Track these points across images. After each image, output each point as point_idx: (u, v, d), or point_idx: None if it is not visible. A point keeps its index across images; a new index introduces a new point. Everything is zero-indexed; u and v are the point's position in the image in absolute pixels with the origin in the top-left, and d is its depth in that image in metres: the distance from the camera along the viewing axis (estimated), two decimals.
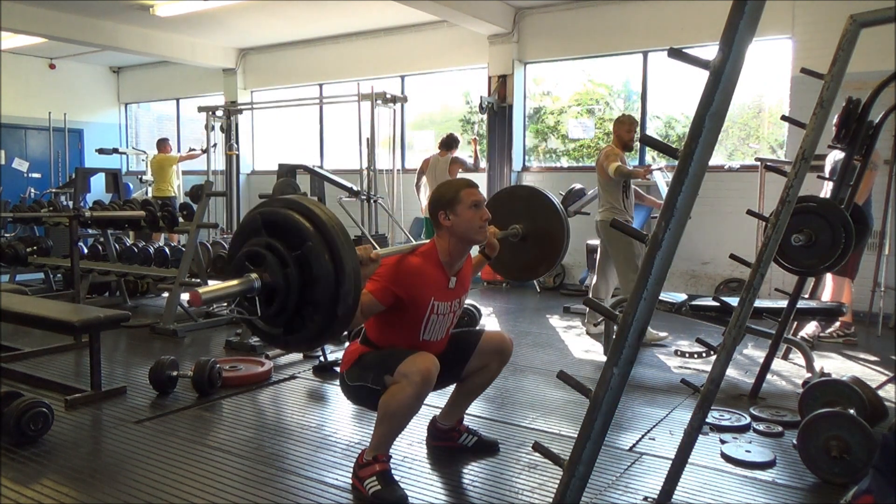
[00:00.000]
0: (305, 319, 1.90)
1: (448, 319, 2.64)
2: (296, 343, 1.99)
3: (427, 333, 2.58)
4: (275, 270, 1.85)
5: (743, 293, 2.34)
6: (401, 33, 8.81)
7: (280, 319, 1.92)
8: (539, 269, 3.31)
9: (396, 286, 2.44)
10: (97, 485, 2.58)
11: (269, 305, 1.90)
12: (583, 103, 8.17)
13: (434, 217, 2.58)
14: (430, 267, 2.55)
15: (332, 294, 1.84)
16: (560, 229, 3.17)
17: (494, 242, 2.84)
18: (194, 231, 5.42)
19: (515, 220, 3.18)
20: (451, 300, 2.61)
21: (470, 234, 2.56)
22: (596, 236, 6.56)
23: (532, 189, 3.38)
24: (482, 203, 2.58)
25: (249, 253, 1.92)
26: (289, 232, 1.88)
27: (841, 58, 2.51)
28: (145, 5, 7.84)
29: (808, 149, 2.51)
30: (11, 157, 10.67)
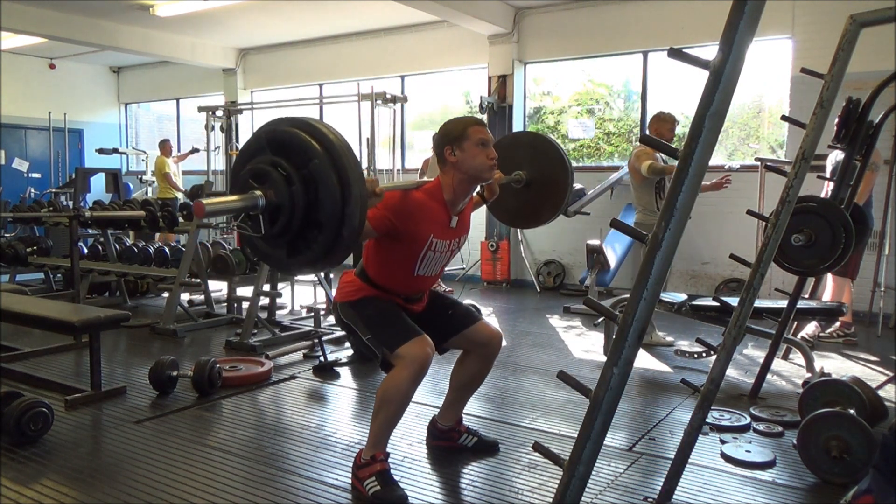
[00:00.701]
0: (309, 241, 1.85)
1: (445, 257, 2.62)
2: (298, 265, 1.95)
3: (422, 269, 2.55)
4: (280, 188, 1.80)
5: (743, 293, 2.34)
6: (401, 33, 8.81)
7: (283, 240, 1.87)
8: (542, 215, 3.24)
9: (396, 218, 2.41)
10: (97, 485, 2.58)
11: (272, 224, 1.84)
12: (583, 103, 8.17)
13: (440, 154, 2.55)
14: (433, 203, 2.52)
15: (338, 215, 1.79)
16: (564, 175, 3.11)
17: (495, 187, 2.82)
18: (194, 231, 5.42)
19: (519, 167, 3.13)
20: (450, 239, 2.59)
21: (477, 172, 2.51)
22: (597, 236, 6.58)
23: (535, 135, 3.31)
24: (490, 142, 2.53)
25: (254, 170, 1.86)
26: (295, 150, 1.83)
27: (841, 58, 2.51)
28: (145, 5, 7.84)
29: (808, 149, 2.51)
30: (11, 157, 10.68)
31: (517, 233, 8.02)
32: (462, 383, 2.83)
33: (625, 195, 7.32)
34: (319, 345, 4.33)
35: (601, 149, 8.07)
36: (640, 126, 7.56)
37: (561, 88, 8.29)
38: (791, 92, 6.36)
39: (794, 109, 6.11)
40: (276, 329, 5.08)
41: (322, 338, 4.43)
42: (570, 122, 8.22)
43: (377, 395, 2.47)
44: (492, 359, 2.79)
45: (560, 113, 8.31)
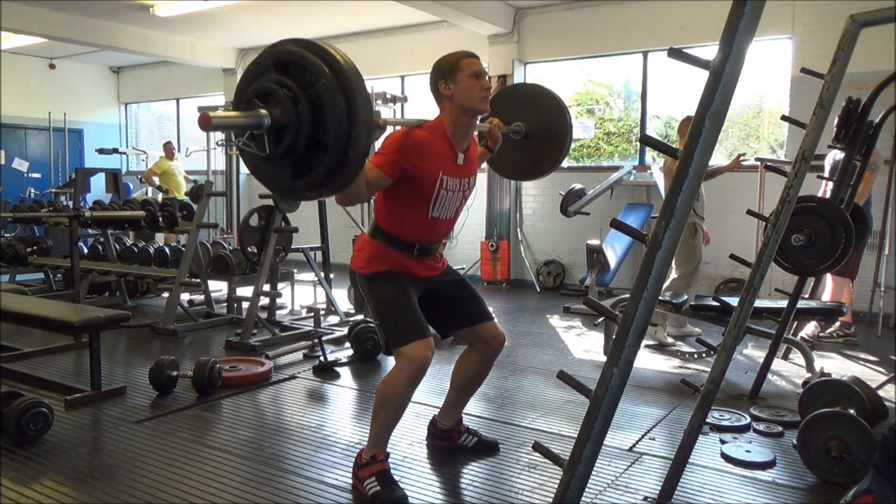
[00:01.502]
0: (314, 163, 1.83)
1: (457, 198, 2.58)
2: (303, 188, 1.92)
3: (436, 210, 2.52)
4: (286, 107, 1.78)
5: (743, 293, 2.34)
6: (401, 33, 8.81)
7: (287, 161, 1.85)
8: (542, 165, 3.22)
9: (403, 158, 2.38)
10: (97, 485, 2.58)
11: (277, 144, 1.82)
12: (583, 103, 8.17)
13: (435, 89, 2.53)
14: (437, 139, 2.50)
15: (343, 136, 1.77)
16: (563, 124, 3.09)
17: (497, 135, 2.81)
18: (194, 231, 5.42)
19: (518, 119, 3.12)
20: (460, 177, 2.56)
21: (472, 104, 2.49)
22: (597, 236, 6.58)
23: (534, 86, 3.29)
24: (483, 73, 2.52)
25: (259, 89, 1.83)
26: (301, 70, 1.80)
27: (841, 58, 2.51)
28: (145, 5, 7.84)
29: (808, 149, 2.51)
30: (11, 157, 10.68)
31: (517, 232, 8.03)
32: (463, 383, 2.83)
33: (625, 195, 7.33)
34: (319, 345, 4.33)
35: (601, 149, 8.07)
36: (640, 126, 7.57)
37: (561, 88, 8.28)
38: (791, 92, 6.36)
39: (794, 109, 6.11)
40: (276, 329, 5.08)
41: (322, 338, 4.43)
42: None
43: (376, 395, 2.48)
44: (492, 359, 2.78)
45: None
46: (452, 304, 2.69)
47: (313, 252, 5.77)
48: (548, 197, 7.80)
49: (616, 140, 7.99)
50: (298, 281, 6.41)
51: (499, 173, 3.44)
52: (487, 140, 2.84)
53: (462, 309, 2.71)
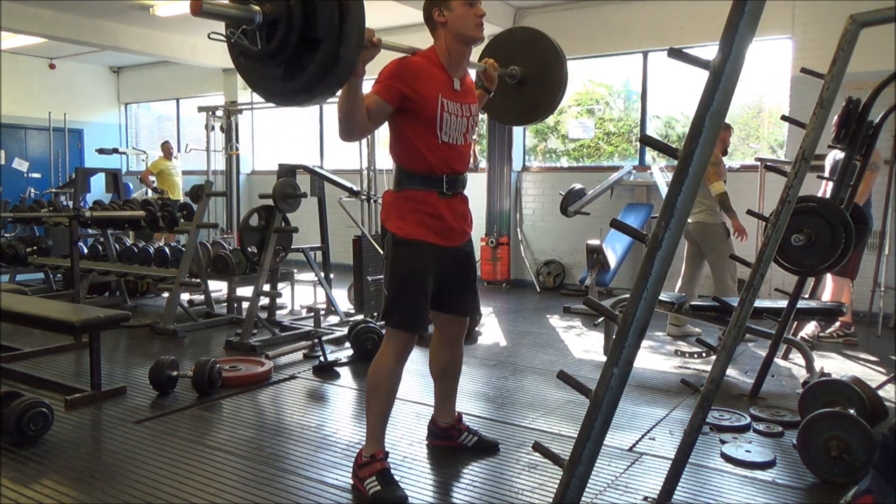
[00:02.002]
0: (305, 61, 1.83)
1: (462, 123, 2.56)
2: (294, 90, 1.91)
3: (444, 134, 2.49)
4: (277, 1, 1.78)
5: (743, 293, 2.34)
6: (401, 33, 8.80)
7: (279, 59, 1.84)
8: (538, 109, 3.20)
9: (401, 83, 2.39)
10: (97, 485, 2.58)
11: (269, 41, 1.82)
12: (583, 103, 8.17)
13: (429, 18, 2.53)
14: (432, 66, 2.50)
15: (335, 30, 1.77)
16: (559, 66, 3.08)
17: (493, 75, 2.82)
18: (194, 231, 5.42)
19: (514, 63, 3.10)
20: (460, 102, 2.55)
21: (466, 31, 2.49)
22: (597, 236, 6.58)
23: (530, 29, 3.28)
24: (477, 0, 2.53)
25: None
26: None
27: (841, 58, 2.51)
28: (145, 5, 7.84)
29: (808, 149, 2.51)
30: (11, 157, 10.67)
31: (517, 232, 8.03)
32: (439, 371, 2.84)
33: (625, 195, 7.33)
34: (319, 345, 4.33)
35: (601, 149, 8.07)
36: (640, 126, 7.57)
37: None
38: (791, 92, 6.36)
39: (794, 109, 6.11)
40: (276, 329, 5.08)
41: (322, 338, 4.43)
42: (570, 122, 8.22)
43: (367, 382, 2.54)
44: (454, 344, 2.79)
45: (560, 113, 8.30)
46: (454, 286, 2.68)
47: (313, 252, 5.77)
48: (548, 197, 7.80)
49: (616, 140, 7.99)
50: (298, 281, 6.41)
51: (495, 118, 3.42)
52: (484, 81, 2.84)
53: (453, 295, 2.70)
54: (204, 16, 1.75)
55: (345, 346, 4.69)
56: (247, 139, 10.44)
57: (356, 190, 5.93)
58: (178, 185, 9.30)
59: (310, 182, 6.30)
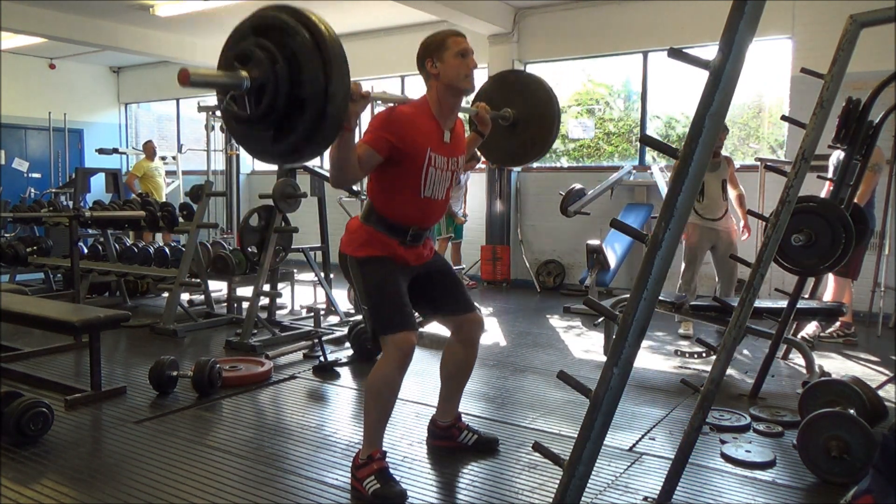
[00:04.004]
0: (294, 122, 1.86)
1: (447, 177, 2.60)
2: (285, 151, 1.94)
3: (427, 189, 2.53)
4: (264, 66, 1.81)
5: (743, 293, 2.34)
6: (401, 33, 8.81)
7: (269, 121, 1.87)
8: (530, 152, 3.26)
9: (390, 134, 2.40)
10: (97, 485, 2.58)
11: (258, 105, 1.85)
12: (583, 103, 8.17)
13: (421, 67, 2.56)
14: (423, 117, 2.52)
15: (321, 91, 1.80)
16: (550, 110, 3.14)
17: (486, 118, 2.84)
18: (194, 231, 5.42)
19: (507, 106, 3.15)
20: (447, 155, 2.58)
21: (457, 82, 2.51)
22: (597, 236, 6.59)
23: (523, 73, 3.35)
24: (469, 52, 2.54)
25: (238, 52, 1.87)
26: (278, 31, 1.85)
27: (841, 58, 2.51)
28: (145, 5, 7.84)
29: (808, 149, 2.51)
30: (11, 157, 10.67)
31: (517, 233, 8.02)
32: (451, 372, 2.84)
33: (625, 195, 7.33)
34: (319, 345, 4.33)
35: (601, 149, 8.07)
36: (640, 126, 7.57)
37: (561, 88, 8.28)
38: (791, 92, 6.36)
39: (794, 109, 6.11)
40: (276, 329, 5.08)
41: (322, 338, 4.43)
42: (570, 122, 8.22)
43: (366, 388, 2.51)
44: (474, 343, 2.79)
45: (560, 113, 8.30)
46: (436, 289, 2.71)
47: (313, 252, 5.77)
48: (548, 197, 7.80)
49: (616, 140, 7.99)
50: (298, 281, 6.41)
51: (489, 159, 3.48)
52: (477, 125, 2.86)
53: (445, 297, 2.73)
54: (192, 86, 1.78)
55: (345, 346, 4.69)
56: None
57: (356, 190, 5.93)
58: (163, 186, 9.22)
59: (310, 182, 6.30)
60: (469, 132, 2.90)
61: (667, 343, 4.98)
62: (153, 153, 9.21)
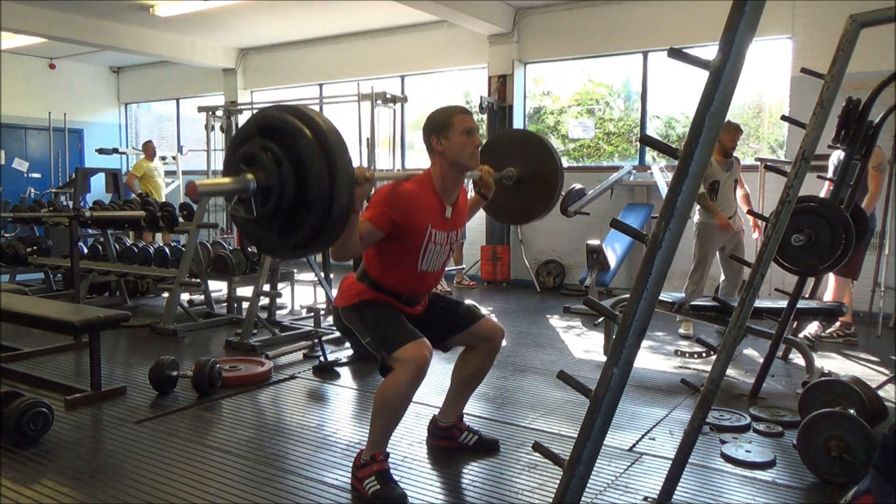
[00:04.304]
0: (300, 221, 1.89)
1: (445, 251, 2.63)
2: (291, 247, 1.97)
3: (425, 263, 2.56)
4: (270, 170, 1.84)
5: (743, 293, 2.34)
6: (401, 33, 8.81)
7: (275, 221, 1.90)
8: (534, 210, 3.29)
9: (393, 211, 2.42)
10: (97, 485, 2.58)
11: (264, 206, 1.88)
12: (583, 103, 8.17)
13: (427, 143, 2.58)
14: (426, 193, 2.54)
15: (326, 193, 1.83)
16: (554, 171, 3.16)
17: (490, 181, 2.85)
18: (194, 231, 5.42)
19: (511, 164, 3.18)
20: (448, 230, 2.60)
21: (462, 160, 2.53)
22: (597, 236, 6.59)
23: (527, 133, 3.38)
24: (474, 130, 2.56)
25: (244, 154, 1.90)
26: (283, 134, 1.88)
27: (841, 58, 2.51)
28: (145, 5, 7.84)
29: (808, 149, 2.51)
30: (11, 157, 10.67)
31: (517, 233, 8.02)
32: (465, 379, 2.84)
33: (625, 195, 7.33)
34: (319, 345, 4.33)
35: (601, 149, 8.07)
36: (640, 126, 7.56)
37: (561, 88, 8.29)
38: (791, 92, 6.36)
39: (794, 109, 6.11)
40: (276, 329, 5.08)
41: (322, 338, 4.43)
42: (570, 122, 8.22)
43: (376, 397, 2.47)
44: (494, 353, 2.80)
45: (560, 113, 8.31)
46: (437, 317, 2.72)
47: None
48: None
49: (616, 140, 7.99)
50: (298, 281, 6.40)
51: (494, 218, 3.52)
52: (481, 188, 2.88)
53: (449, 317, 2.75)
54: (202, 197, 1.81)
55: (345, 346, 4.68)
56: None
57: None
58: (162, 186, 9.21)
59: None
60: (472, 194, 2.93)
61: (667, 343, 4.98)
62: (153, 153, 9.19)
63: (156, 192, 8.93)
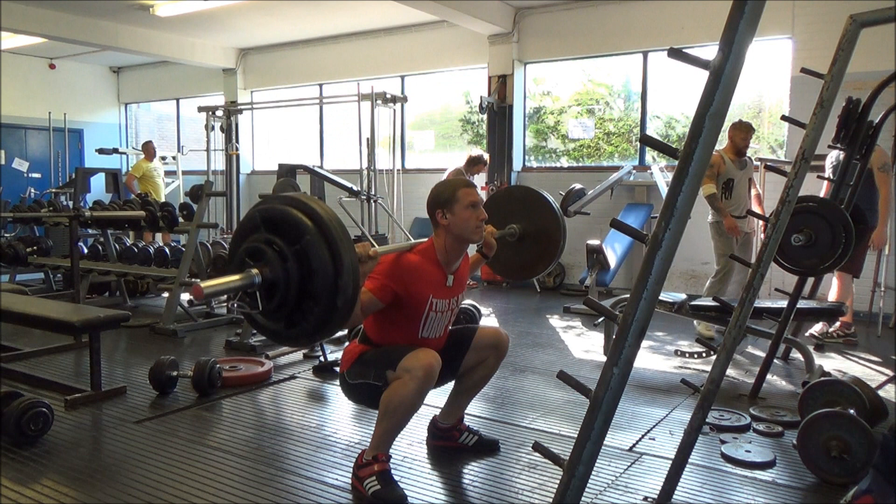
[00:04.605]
0: (306, 313, 1.91)
1: (446, 317, 2.67)
2: (297, 337, 2.00)
3: (426, 331, 2.60)
4: (274, 265, 1.86)
5: (743, 293, 2.34)
6: (401, 33, 8.81)
7: (281, 314, 1.93)
8: (537, 268, 3.34)
9: (395, 283, 2.45)
10: (97, 485, 2.58)
11: (269, 300, 1.90)
12: (583, 103, 8.17)
13: (432, 216, 2.61)
14: (428, 265, 2.57)
15: (331, 286, 1.84)
16: (556, 228, 3.20)
17: (492, 242, 2.86)
18: (194, 231, 5.42)
19: (513, 221, 3.21)
20: (448, 298, 2.63)
21: (466, 234, 2.57)
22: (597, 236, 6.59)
23: (528, 189, 3.41)
24: (479, 203, 2.60)
25: (249, 249, 1.93)
26: (287, 227, 1.89)
27: (841, 58, 2.51)
28: (145, 5, 7.84)
29: (808, 149, 2.51)
30: (11, 157, 10.67)
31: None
32: (471, 384, 2.84)
33: (625, 195, 7.33)
34: (319, 345, 4.33)
35: (601, 149, 8.07)
36: (640, 126, 7.56)
37: (561, 88, 8.29)
38: (791, 92, 6.36)
39: (794, 109, 6.11)
40: None
41: None
42: (570, 122, 8.22)
43: (381, 400, 2.45)
44: (502, 357, 2.82)
45: (560, 113, 8.31)
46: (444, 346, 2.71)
47: None
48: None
49: (616, 140, 7.99)
50: None
51: (497, 273, 3.54)
52: (483, 247, 2.89)
53: (451, 339, 2.75)
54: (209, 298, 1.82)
55: (345, 346, 4.68)
56: (247, 139, 10.44)
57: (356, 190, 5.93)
58: (162, 186, 9.19)
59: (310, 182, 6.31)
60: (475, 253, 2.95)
61: (667, 343, 4.98)
62: (153, 154, 9.18)
63: (155, 193, 8.92)
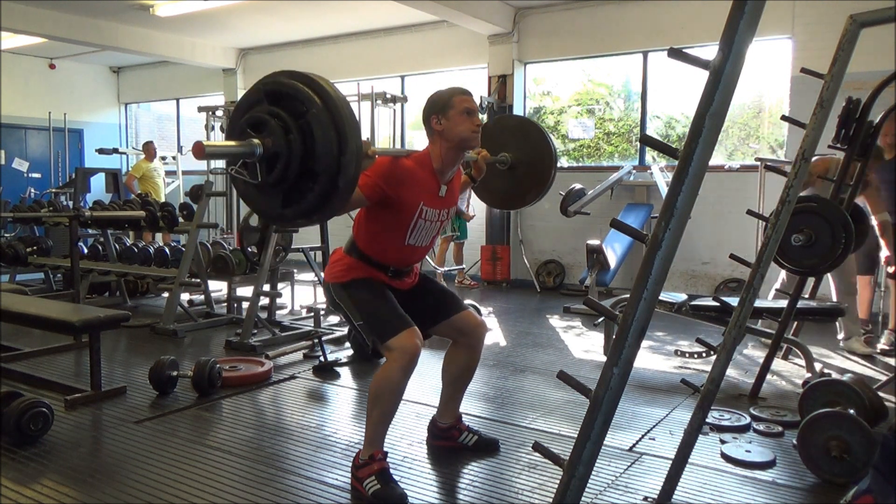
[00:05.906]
0: (304, 191, 1.87)
1: (434, 227, 2.65)
2: (292, 216, 1.95)
3: (412, 238, 2.58)
4: (277, 136, 1.82)
5: (743, 293, 2.34)
6: (401, 33, 8.81)
7: (279, 189, 1.89)
8: (527, 196, 3.33)
9: (386, 184, 2.43)
10: (97, 485, 2.58)
11: (269, 173, 1.86)
12: (583, 103, 8.17)
13: (427, 122, 2.59)
14: (423, 171, 2.56)
15: (333, 164, 1.81)
16: (548, 157, 3.19)
17: (482, 165, 2.87)
18: (194, 231, 5.42)
19: (505, 150, 3.20)
20: (440, 209, 2.62)
21: (461, 140, 2.55)
22: (597, 236, 6.59)
23: (521, 118, 3.41)
24: (475, 111, 2.58)
25: (252, 119, 1.88)
26: (293, 101, 1.85)
27: (841, 58, 2.51)
28: (145, 5, 7.84)
29: (808, 149, 2.51)
30: (11, 157, 10.67)
31: (517, 233, 8.03)
32: (454, 376, 2.84)
33: (625, 195, 7.33)
34: (319, 345, 4.33)
35: (601, 149, 8.07)
36: (640, 126, 7.57)
37: (561, 88, 8.29)
38: (791, 92, 6.37)
39: (794, 109, 6.11)
40: (276, 329, 5.08)
41: (322, 338, 4.43)
42: (570, 122, 8.22)
43: (370, 390, 2.49)
44: (478, 347, 2.80)
45: (560, 113, 8.31)
46: (426, 302, 2.73)
47: (313, 252, 5.77)
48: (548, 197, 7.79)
49: (616, 140, 8.00)
50: (298, 281, 6.41)
51: (484, 202, 3.54)
52: (472, 169, 2.90)
53: (434, 303, 2.75)
54: (207, 158, 1.79)
55: (345, 346, 4.69)
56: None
57: None
58: (162, 187, 9.20)
59: None
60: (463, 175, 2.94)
61: (667, 343, 4.98)
62: (153, 154, 9.20)
63: (155, 193, 8.92)
